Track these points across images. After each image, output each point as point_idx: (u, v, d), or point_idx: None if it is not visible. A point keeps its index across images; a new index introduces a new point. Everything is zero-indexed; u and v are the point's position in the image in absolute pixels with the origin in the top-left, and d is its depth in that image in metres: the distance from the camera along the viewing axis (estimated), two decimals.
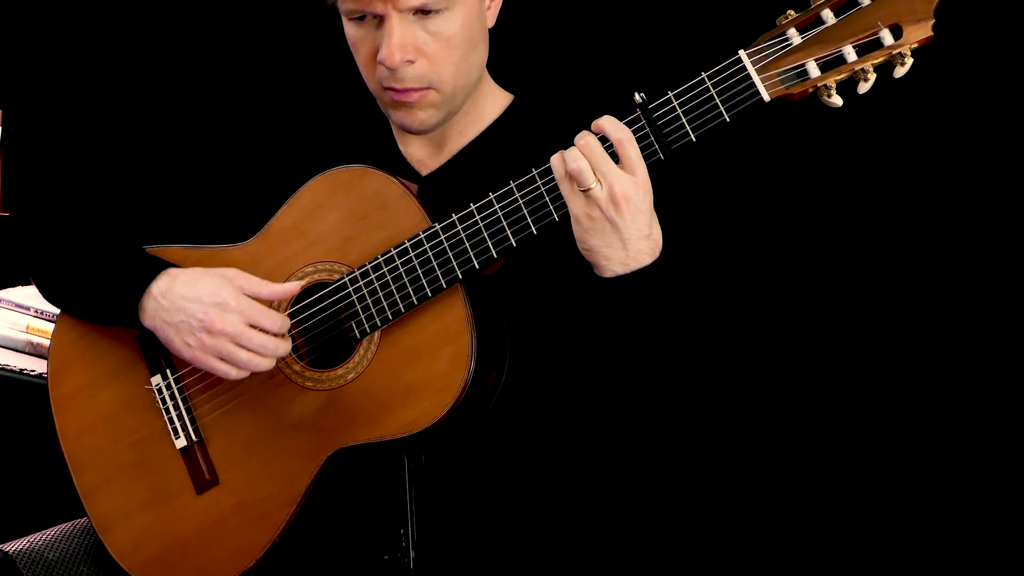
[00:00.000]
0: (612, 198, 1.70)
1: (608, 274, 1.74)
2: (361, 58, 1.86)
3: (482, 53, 1.90)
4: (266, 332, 1.81)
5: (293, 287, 1.84)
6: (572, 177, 1.71)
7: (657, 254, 1.74)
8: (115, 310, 1.91)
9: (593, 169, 1.70)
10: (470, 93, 1.91)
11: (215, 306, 1.82)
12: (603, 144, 1.71)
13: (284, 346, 1.83)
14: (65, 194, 2.06)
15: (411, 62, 1.81)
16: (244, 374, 1.83)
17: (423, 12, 1.80)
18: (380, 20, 1.80)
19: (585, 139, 1.71)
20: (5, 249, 2.75)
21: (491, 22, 1.90)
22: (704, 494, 2.51)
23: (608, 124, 1.71)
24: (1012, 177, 2.32)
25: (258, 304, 1.82)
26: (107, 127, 2.93)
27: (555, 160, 1.73)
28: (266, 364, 1.82)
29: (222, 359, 1.82)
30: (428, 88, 1.84)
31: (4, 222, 2.87)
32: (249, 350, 1.81)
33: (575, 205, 1.72)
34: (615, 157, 1.71)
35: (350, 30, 1.86)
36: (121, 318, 1.91)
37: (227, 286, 1.83)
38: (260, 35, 2.79)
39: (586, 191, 1.70)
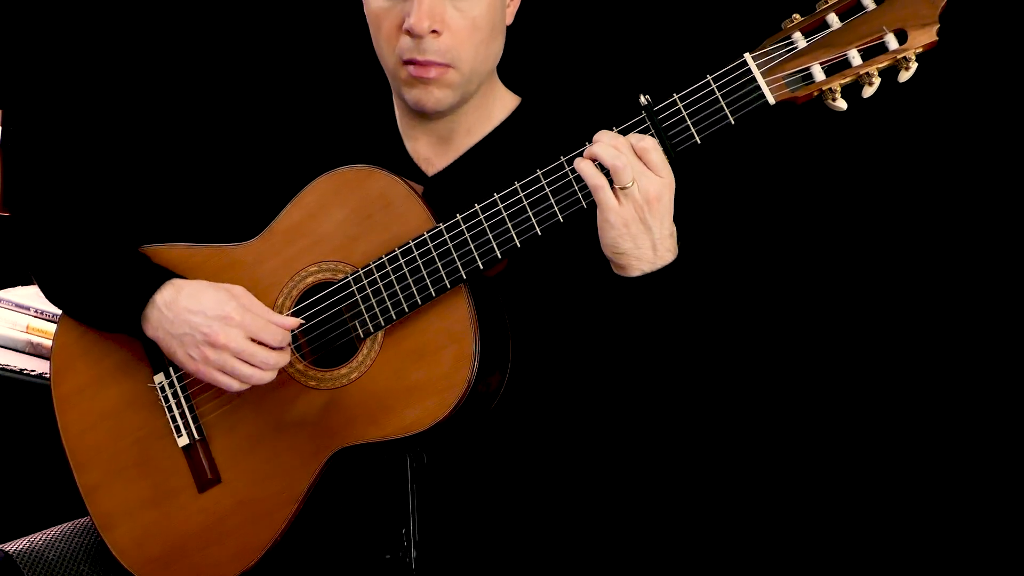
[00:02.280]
0: (647, 198, 1.71)
1: (636, 273, 1.75)
2: (384, 31, 1.87)
3: (499, 45, 1.92)
4: (268, 347, 1.82)
5: (295, 321, 1.85)
6: (611, 174, 1.71)
7: (677, 251, 1.76)
8: (118, 319, 1.92)
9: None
10: (483, 83, 1.92)
11: (219, 319, 1.82)
12: None
13: (285, 359, 1.84)
14: (66, 194, 2.05)
15: (437, 33, 1.83)
16: (245, 387, 1.84)
17: None
18: None
19: (618, 140, 1.71)
20: (5, 249, 2.75)
21: (509, 20, 1.93)
22: (706, 495, 2.51)
23: (631, 136, 1.72)
24: (1015, 180, 2.33)
25: (261, 319, 1.83)
26: (108, 126, 2.93)
27: (586, 169, 1.73)
28: (268, 378, 1.83)
29: (224, 373, 1.83)
30: (448, 66, 1.85)
31: (4, 222, 2.86)
32: (251, 365, 1.82)
33: (611, 211, 1.72)
34: None
35: (376, 2, 1.88)
36: (123, 327, 1.91)
37: (231, 300, 1.83)
38: (264, 34, 2.79)
39: (623, 189, 1.71)
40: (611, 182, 1.72)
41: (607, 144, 1.72)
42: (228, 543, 1.88)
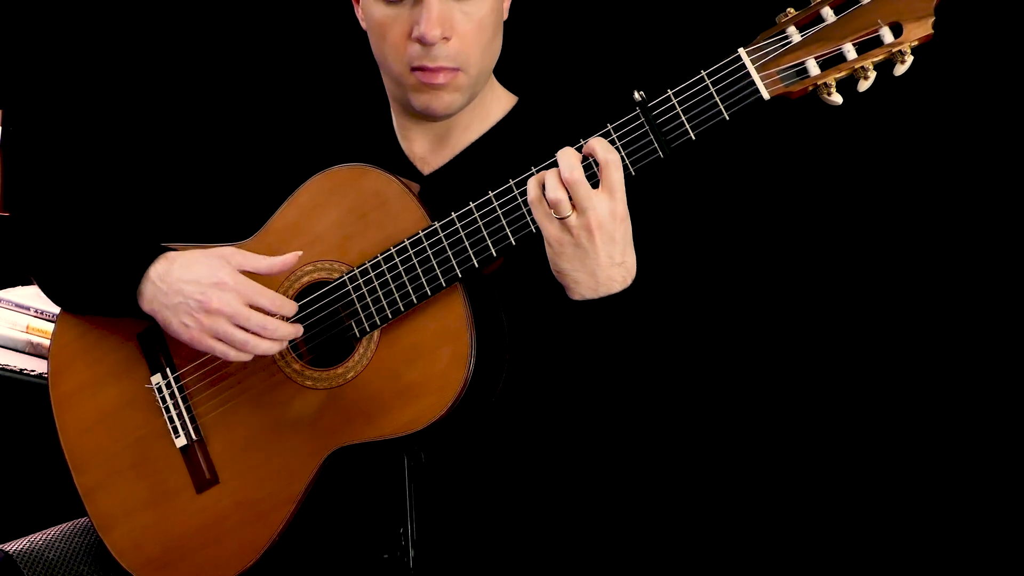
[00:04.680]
0: (586, 226, 1.69)
1: (577, 297, 1.75)
2: (391, 40, 1.86)
3: (499, 43, 1.92)
4: (266, 313, 1.81)
5: (291, 257, 1.82)
6: (550, 205, 1.70)
7: (629, 282, 1.74)
8: (114, 298, 1.91)
9: (573, 199, 1.69)
10: (486, 82, 1.92)
11: (212, 286, 1.81)
12: (587, 167, 1.71)
13: (284, 329, 1.81)
14: (65, 194, 2.06)
15: (447, 39, 1.83)
16: (244, 356, 1.82)
17: None
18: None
19: (572, 173, 1.69)
20: (5, 249, 2.75)
21: (505, 15, 1.93)
22: (702, 495, 2.51)
23: (598, 146, 1.70)
24: (1012, 176, 2.32)
25: (257, 284, 1.82)
26: (107, 127, 2.94)
27: (530, 183, 1.73)
28: (265, 346, 1.81)
29: (220, 339, 1.82)
30: (457, 70, 1.85)
31: (4, 222, 2.87)
32: (247, 330, 1.81)
33: (547, 228, 1.72)
34: (594, 178, 1.70)
35: (379, 11, 1.86)
36: (121, 306, 1.91)
37: (225, 266, 1.82)
38: (260, 34, 2.80)
39: (562, 219, 1.70)
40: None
41: (552, 174, 1.70)
42: (226, 543, 1.88)
